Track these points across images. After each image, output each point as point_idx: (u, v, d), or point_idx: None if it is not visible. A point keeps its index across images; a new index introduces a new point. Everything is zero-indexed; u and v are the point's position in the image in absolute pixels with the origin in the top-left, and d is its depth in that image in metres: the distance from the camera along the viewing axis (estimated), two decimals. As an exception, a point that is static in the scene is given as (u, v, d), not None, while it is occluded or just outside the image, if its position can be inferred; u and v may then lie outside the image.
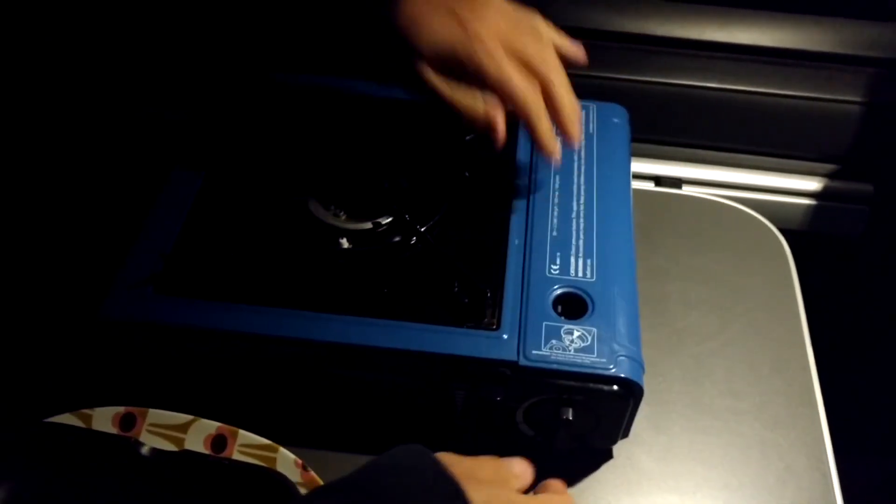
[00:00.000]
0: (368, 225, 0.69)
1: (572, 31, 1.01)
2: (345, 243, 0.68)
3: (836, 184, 1.03)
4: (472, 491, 0.51)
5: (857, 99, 0.99)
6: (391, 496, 0.50)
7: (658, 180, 1.00)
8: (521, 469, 0.58)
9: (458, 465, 0.53)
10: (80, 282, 0.74)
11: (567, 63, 0.69)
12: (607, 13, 1.02)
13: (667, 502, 0.67)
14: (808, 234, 1.04)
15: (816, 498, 0.67)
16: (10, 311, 0.75)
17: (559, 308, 0.64)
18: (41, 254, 0.80)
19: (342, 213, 0.70)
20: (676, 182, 0.99)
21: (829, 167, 1.03)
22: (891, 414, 1.19)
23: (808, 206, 1.03)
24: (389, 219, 0.69)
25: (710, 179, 1.03)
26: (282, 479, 0.61)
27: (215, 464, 0.62)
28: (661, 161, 1.02)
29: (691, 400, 0.73)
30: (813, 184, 1.03)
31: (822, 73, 1.00)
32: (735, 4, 1.02)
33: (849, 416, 0.83)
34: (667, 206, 0.89)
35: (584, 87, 1.00)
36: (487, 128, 0.65)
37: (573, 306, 0.64)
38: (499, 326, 0.62)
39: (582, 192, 0.72)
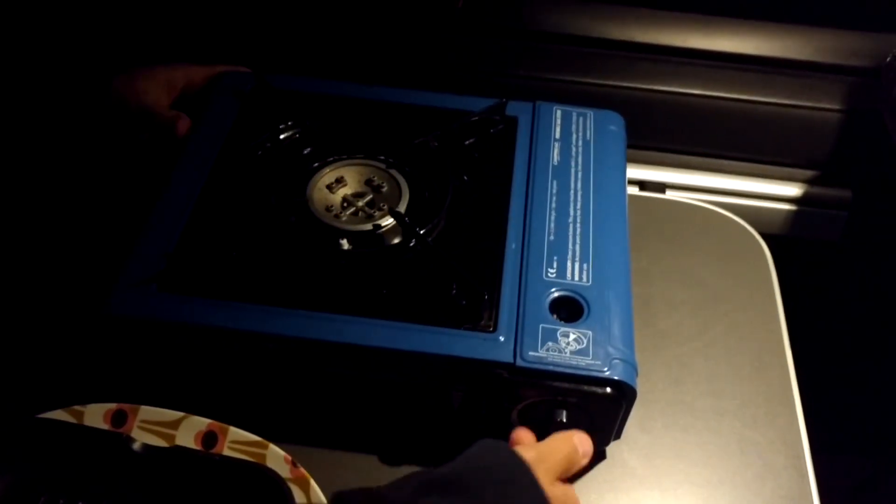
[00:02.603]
0: (369, 227, 0.69)
1: (558, 38, 1.03)
2: (345, 244, 0.69)
3: (816, 189, 1.04)
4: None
5: (837, 106, 1.01)
6: (488, 498, 0.53)
7: (642, 185, 1.01)
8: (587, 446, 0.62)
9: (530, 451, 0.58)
10: (84, 279, 0.74)
11: None
12: (591, 20, 1.03)
13: (649, 499, 0.69)
14: (788, 238, 1.05)
15: (794, 495, 0.69)
16: (11, 307, 0.75)
17: (555, 311, 0.65)
18: (45, 251, 0.80)
19: (343, 215, 0.71)
20: (660, 187, 1.00)
21: (808, 173, 1.04)
22: (866, 414, 1.21)
23: (789, 210, 1.04)
24: (390, 221, 0.70)
25: (693, 184, 1.04)
26: (272, 474, 0.62)
27: (206, 460, 0.63)
28: (646, 166, 1.04)
29: (674, 399, 0.74)
30: (793, 189, 1.04)
31: (803, 81, 1.02)
32: (717, 13, 1.03)
33: (826, 416, 0.85)
34: (651, 210, 0.90)
35: (572, 92, 1.02)
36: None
37: (569, 309, 0.66)
38: (496, 328, 0.63)
39: (579, 198, 0.73)
